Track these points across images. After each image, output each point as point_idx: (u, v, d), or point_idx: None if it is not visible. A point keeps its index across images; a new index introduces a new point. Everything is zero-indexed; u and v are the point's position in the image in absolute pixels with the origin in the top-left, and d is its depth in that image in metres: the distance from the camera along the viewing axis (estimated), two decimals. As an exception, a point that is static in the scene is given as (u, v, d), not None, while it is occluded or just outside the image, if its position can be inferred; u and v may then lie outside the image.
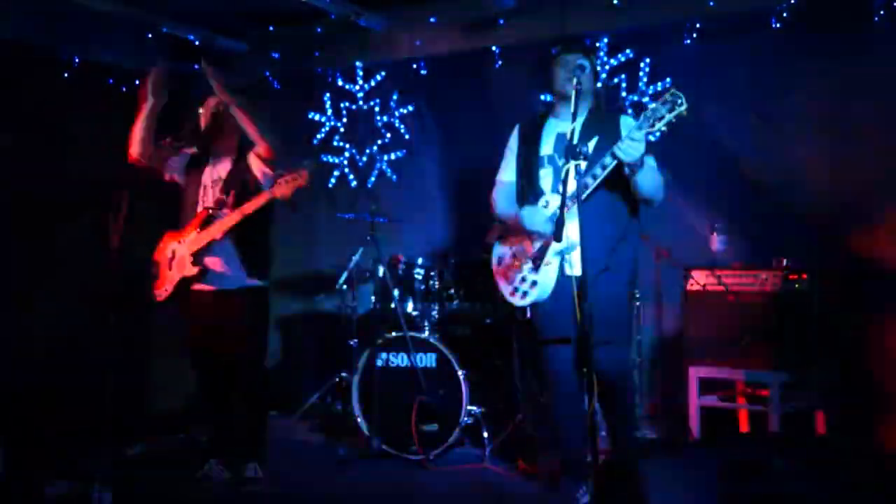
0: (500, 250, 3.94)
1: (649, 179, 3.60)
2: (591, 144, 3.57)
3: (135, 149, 4.24)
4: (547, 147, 3.84)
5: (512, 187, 3.97)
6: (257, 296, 4.29)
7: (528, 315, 3.82)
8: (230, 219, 4.15)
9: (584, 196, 3.49)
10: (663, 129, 3.43)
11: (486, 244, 5.39)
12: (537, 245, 3.73)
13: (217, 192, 4.26)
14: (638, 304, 5.11)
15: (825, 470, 3.18)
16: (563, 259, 3.67)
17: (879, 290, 4.81)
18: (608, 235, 3.65)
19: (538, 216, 3.72)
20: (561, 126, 3.81)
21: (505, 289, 3.87)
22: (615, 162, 3.51)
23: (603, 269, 3.57)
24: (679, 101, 3.36)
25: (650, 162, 3.63)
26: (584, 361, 3.20)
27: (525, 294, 3.76)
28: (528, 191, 3.85)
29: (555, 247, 3.63)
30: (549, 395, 3.95)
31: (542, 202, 3.73)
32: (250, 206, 4.11)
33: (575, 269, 3.60)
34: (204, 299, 4.27)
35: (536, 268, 3.71)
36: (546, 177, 3.81)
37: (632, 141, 3.42)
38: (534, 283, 3.72)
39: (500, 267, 3.92)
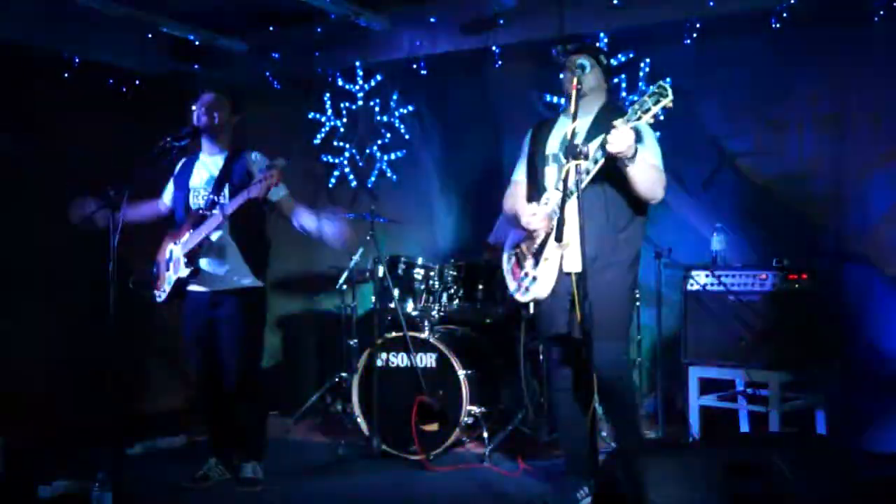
0: (509, 248, 3.97)
1: (642, 174, 3.57)
2: (598, 141, 3.57)
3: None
4: (552, 145, 3.86)
5: (521, 187, 3.99)
6: (253, 296, 4.28)
7: (531, 311, 3.85)
8: (214, 220, 4.13)
9: (577, 191, 3.45)
10: (650, 120, 3.42)
11: (486, 245, 5.42)
12: (537, 241, 3.75)
13: (209, 192, 4.25)
14: (638, 303, 5.11)
15: (825, 470, 3.17)
16: (561, 255, 3.68)
17: (879, 289, 4.81)
18: (606, 232, 3.65)
19: (538, 212, 3.75)
20: (568, 124, 3.82)
21: (511, 285, 3.91)
22: (605, 156, 3.50)
23: (600, 266, 3.58)
24: (665, 93, 3.35)
25: (648, 158, 3.63)
26: (585, 360, 3.21)
27: (527, 290, 3.78)
28: (533, 188, 3.87)
29: (552, 243, 3.64)
30: (547, 392, 3.96)
31: (543, 199, 3.75)
32: (229, 208, 4.10)
33: (573, 265, 3.61)
34: (199, 300, 4.27)
35: (536, 264, 3.73)
36: (550, 174, 3.82)
37: (618, 133, 3.41)
38: (534, 279, 3.74)
39: (508, 264, 3.95)
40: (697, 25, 5.15)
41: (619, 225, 3.71)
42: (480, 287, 5.10)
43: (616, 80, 5.53)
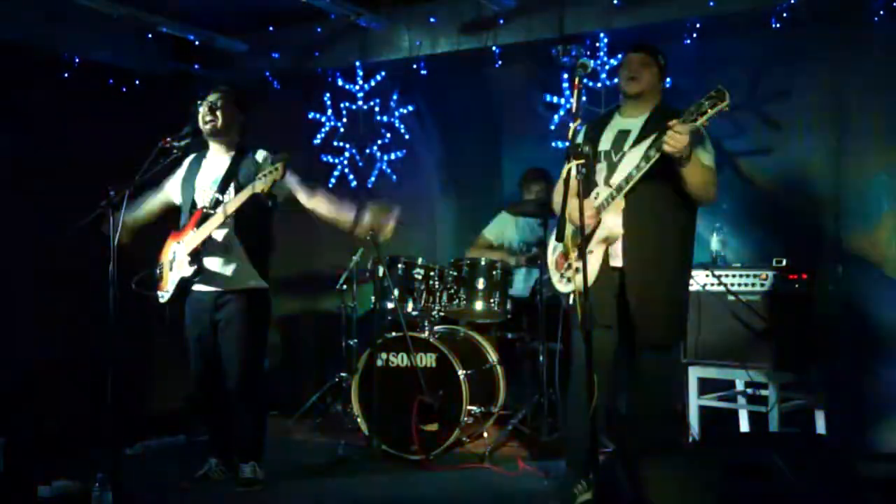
0: (555, 242, 4.00)
1: (695, 175, 3.64)
2: (647, 142, 3.63)
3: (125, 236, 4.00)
4: (605, 143, 3.90)
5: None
6: (257, 297, 4.28)
7: (571, 302, 3.88)
8: (218, 217, 4.13)
9: (627, 187, 3.65)
10: (706, 123, 3.50)
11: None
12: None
13: (214, 191, 4.25)
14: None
15: (825, 470, 3.17)
16: (607, 250, 3.72)
17: (879, 289, 4.81)
18: (653, 230, 3.69)
19: (586, 206, 3.77)
20: (623, 123, 3.88)
21: (554, 277, 3.96)
22: (658, 154, 3.56)
23: (647, 265, 3.64)
24: (722, 97, 3.43)
25: (703, 159, 3.67)
26: (586, 357, 3.23)
27: (569, 280, 3.82)
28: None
29: (598, 235, 3.67)
30: (569, 385, 3.99)
31: (593, 194, 3.77)
32: (232, 205, 4.10)
33: (618, 260, 3.68)
34: (203, 299, 4.26)
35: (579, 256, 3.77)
36: (601, 171, 3.85)
37: (675, 133, 3.47)
38: (577, 270, 3.77)
39: (554, 256, 4.00)
40: (697, 25, 5.15)
41: (667, 222, 3.74)
42: (480, 287, 5.10)
43: (616, 80, 5.51)
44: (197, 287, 4.26)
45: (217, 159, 4.35)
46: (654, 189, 3.69)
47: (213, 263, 4.22)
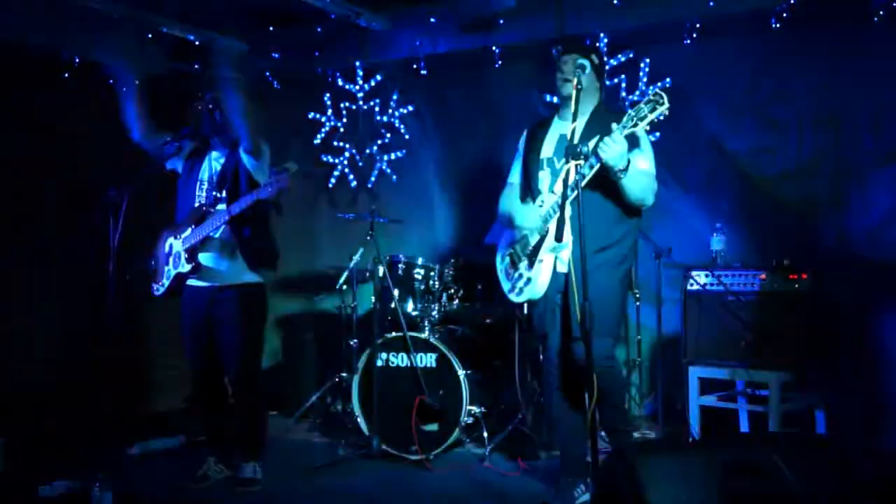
0: (503, 249, 4.00)
1: (634, 183, 3.62)
2: (592, 143, 3.58)
3: (136, 132, 4.23)
4: (547, 149, 3.88)
5: (516, 188, 4.01)
6: (253, 293, 4.28)
7: (525, 312, 3.90)
8: (219, 218, 4.15)
9: (572, 196, 3.50)
10: (647, 127, 3.47)
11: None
12: (532, 243, 3.77)
13: (213, 189, 4.26)
14: (638, 303, 5.11)
15: (825, 470, 3.17)
16: (555, 257, 3.71)
17: (879, 289, 4.81)
18: (599, 234, 3.66)
19: (532, 214, 3.79)
20: (563, 127, 3.84)
21: (505, 286, 3.96)
22: (599, 164, 3.53)
23: (592, 266, 3.60)
24: (661, 100, 3.38)
25: (640, 165, 3.65)
26: (585, 359, 3.22)
27: (521, 291, 3.82)
28: (527, 191, 3.89)
29: (546, 244, 3.68)
30: (545, 391, 3.99)
31: (538, 201, 3.77)
32: (236, 207, 4.11)
33: (566, 266, 3.68)
34: (199, 295, 4.27)
35: (531, 265, 3.76)
36: (545, 178, 3.85)
37: (612, 142, 3.44)
38: (528, 281, 3.78)
39: (502, 265, 4.00)
40: (697, 25, 5.15)
41: (612, 226, 3.73)
42: (480, 287, 5.10)
43: (616, 81, 5.53)
44: (192, 282, 4.28)
45: (216, 156, 4.35)
46: (597, 194, 3.66)
47: (209, 260, 4.24)
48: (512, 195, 4.01)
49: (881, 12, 4.76)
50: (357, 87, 6.40)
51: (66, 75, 5.85)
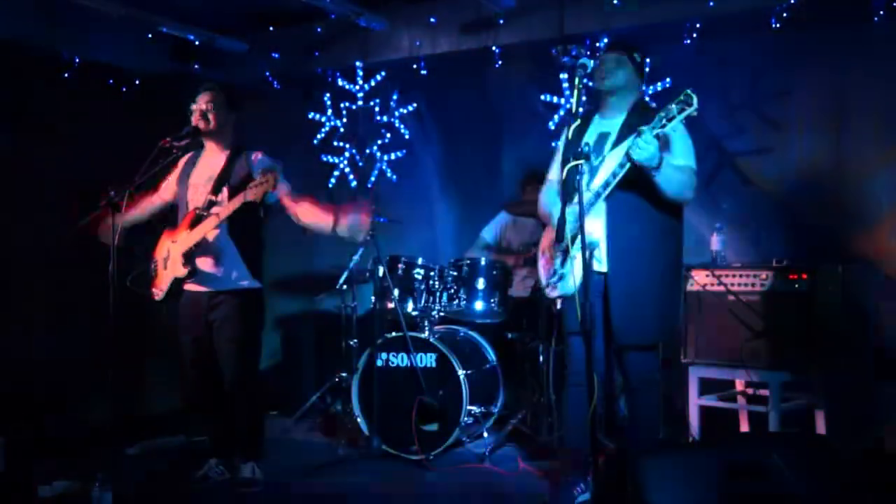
0: (543, 245, 4.00)
1: (668, 179, 3.61)
2: (627, 143, 3.59)
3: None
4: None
5: (554, 185, 4.00)
6: (250, 296, 4.27)
7: (559, 307, 3.90)
8: (211, 221, 4.13)
9: (605, 193, 3.63)
10: (677, 126, 3.51)
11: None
12: (566, 239, 3.77)
13: (208, 192, 4.25)
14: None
15: (825, 470, 3.17)
16: (591, 255, 3.70)
17: (879, 289, 4.81)
18: (634, 234, 3.67)
19: (567, 211, 3.76)
20: (603, 125, 3.85)
21: (542, 281, 3.95)
22: (630, 163, 3.54)
23: (631, 268, 3.63)
24: (690, 101, 3.43)
25: (677, 161, 3.65)
26: (586, 360, 3.23)
27: (555, 287, 3.84)
28: (565, 188, 3.87)
29: (579, 241, 3.67)
30: (564, 387, 3.99)
31: (575, 199, 3.76)
32: (225, 211, 4.09)
33: (602, 265, 3.69)
34: (196, 299, 4.27)
35: (564, 262, 3.76)
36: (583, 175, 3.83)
37: (643, 141, 3.46)
38: (562, 277, 3.78)
39: (541, 260, 4.00)
40: (697, 25, 5.14)
41: (648, 226, 3.72)
42: (480, 287, 5.10)
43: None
44: (190, 287, 4.26)
45: (212, 158, 4.35)
46: (636, 192, 3.66)
47: (206, 264, 4.22)
48: (551, 191, 4.01)
49: (881, 12, 4.76)
50: (357, 87, 6.39)
51: (66, 75, 5.85)
